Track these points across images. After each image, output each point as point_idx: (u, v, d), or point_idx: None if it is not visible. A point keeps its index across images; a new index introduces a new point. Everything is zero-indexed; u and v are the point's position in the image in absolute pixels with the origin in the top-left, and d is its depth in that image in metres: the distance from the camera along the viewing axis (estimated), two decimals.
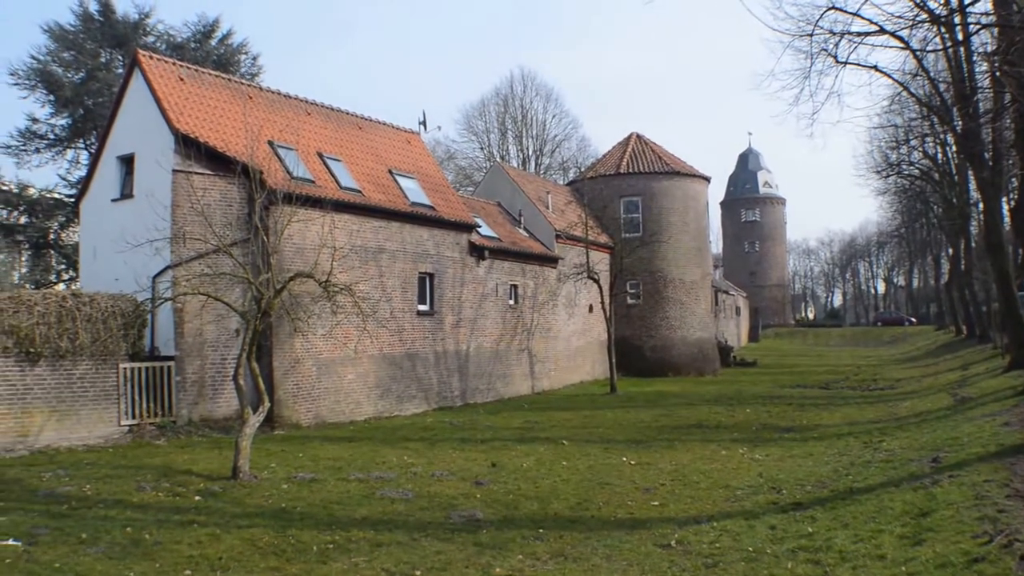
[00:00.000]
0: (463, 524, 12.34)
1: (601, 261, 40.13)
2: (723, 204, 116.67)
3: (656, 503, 13.96)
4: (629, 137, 49.00)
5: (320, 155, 26.52)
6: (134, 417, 20.72)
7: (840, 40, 22.14)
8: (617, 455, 18.58)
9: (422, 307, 28.67)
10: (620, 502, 13.98)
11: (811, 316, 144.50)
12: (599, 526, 12.32)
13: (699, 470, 16.79)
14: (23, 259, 38.93)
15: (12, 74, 38.02)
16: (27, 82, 38.11)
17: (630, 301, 43.99)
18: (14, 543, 10.63)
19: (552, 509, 13.46)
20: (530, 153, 68.09)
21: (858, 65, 24.65)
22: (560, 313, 37.65)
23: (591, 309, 40.55)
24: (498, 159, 60.88)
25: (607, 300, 36.14)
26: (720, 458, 18.23)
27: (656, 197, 44.87)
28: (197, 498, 13.78)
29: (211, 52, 40.61)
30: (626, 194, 45.02)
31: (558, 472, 16.54)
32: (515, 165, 59.96)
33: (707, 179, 47.86)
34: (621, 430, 22.81)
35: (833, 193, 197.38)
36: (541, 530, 11.96)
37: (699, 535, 11.61)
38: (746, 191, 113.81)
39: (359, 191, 26.50)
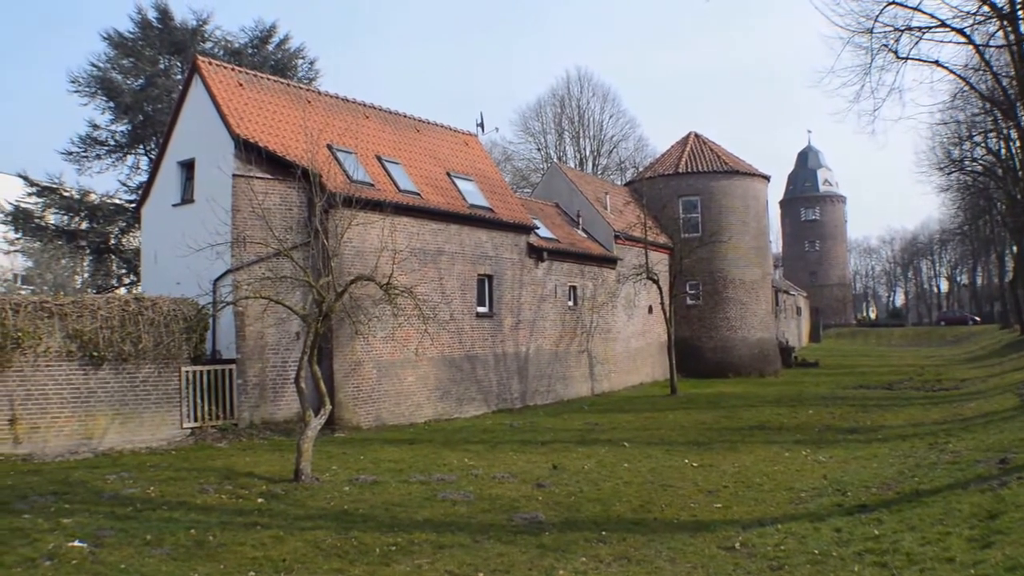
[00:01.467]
0: (525, 526, 12.21)
1: (660, 262, 39.84)
2: (783, 203, 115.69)
3: (719, 505, 13.75)
4: (687, 136, 48.58)
5: (379, 158, 26.55)
6: (196, 420, 20.89)
7: (901, 35, 21.81)
8: (679, 457, 18.37)
9: (481, 309, 28.61)
10: (683, 504, 13.78)
11: (873, 316, 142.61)
12: (662, 528, 12.13)
13: (762, 472, 16.54)
14: (85, 264, 39.41)
15: (73, 82, 38.58)
16: (87, 89, 38.62)
17: (690, 302, 43.64)
18: (80, 544, 10.68)
19: (614, 511, 13.29)
20: (587, 154, 67.81)
21: (919, 60, 24.32)
22: (619, 314, 37.38)
23: (650, 310, 40.24)
24: (555, 160, 60.63)
25: (667, 301, 35.80)
26: (783, 460, 17.94)
27: (715, 196, 44.44)
28: (260, 500, 13.80)
29: (268, 57, 40.84)
30: (685, 194, 44.64)
31: (620, 474, 16.37)
32: (572, 166, 59.64)
33: (767, 178, 47.29)
34: (682, 432, 22.56)
35: (894, 191, 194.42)
36: (604, 532, 11.79)
37: (763, 538, 11.44)
38: (806, 189, 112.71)
39: (418, 194, 26.49)
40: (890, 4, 21.11)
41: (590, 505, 13.73)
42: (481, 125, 34.10)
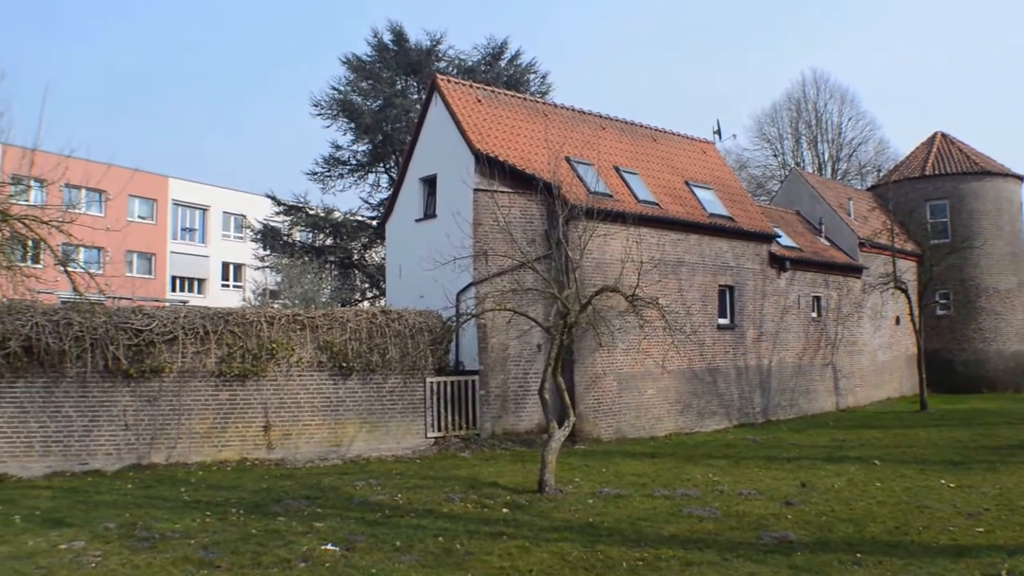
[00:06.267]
0: (775, 545, 11.61)
1: (908, 270, 37.88)
2: None
3: (981, 529, 12.68)
4: (933, 136, 46.00)
5: (616, 169, 26.35)
6: (440, 429, 21.26)
7: None
8: (934, 477, 17.21)
9: (722, 321, 27.92)
10: (941, 527, 12.79)
11: None
12: (920, 552, 11.27)
13: None
14: (330, 278, 41.01)
15: (315, 105, 40.43)
16: (329, 112, 40.36)
17: (939, 312, 41.23)
18: (332, 548, 10.93)
19: (868, 532, 12.48)
20: (825, 159, 65.50)
21: None
22: (865, 326, 35.76)
23: (898, 321, 38.34)
24: (793, 166, 58.90)
25: (916, 311, 33.98)
26: None
27: (965, 199, 41.83)
28: (505, 510, 13.77)
29: (501, 73, 41.37)
30: (932, 197, 42.24)
31: (872, 493, 15.46)
32: (811, 171, 57.78)
33: (1021, 178, 44.23)
34: (936, 450, 21.23)
35: None
36: (858, 554, 11.05)
37: None
38: None
39: (656, 203, 26.10)
40: None
41: (842, 525, 12.97)
42: (718, 132, 33.47)
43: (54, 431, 17.16)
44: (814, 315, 32.43)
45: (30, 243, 13.93)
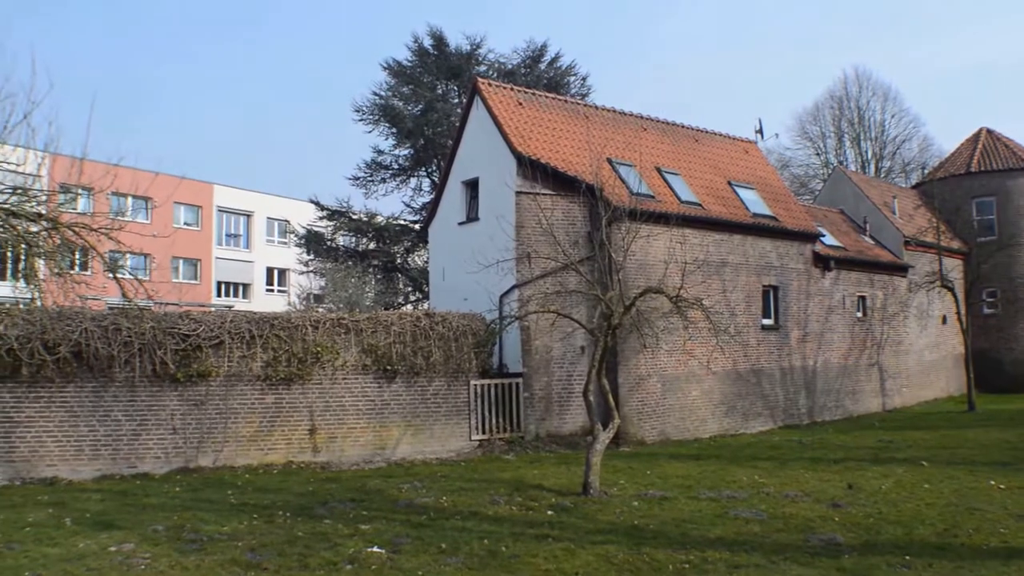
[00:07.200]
0: (822, 548, 11.51)
1: (954, 268, 37.44)
2: None
3: None
4: (978, 132, 45.38)
5: (658, 170, 26.28)
6: (484, 432, 21.31)
7: None
8: (984, 478, 16.96)
9: (766, 321, 27.73)
10: (992, 530, 12.60)
11: None
12: (970, 555, 11.10)
13: None
14: (373, 282, 41.20)
15: (357, 111, 40.58)
16: (371, 117, 40.50)
17: (987, 311, 40.66)
18: (378, 551, 10.96)
19: (917, 535, 12.33)
20: (868, 157, 64.88)
21: None
22: (911, 325, 35.36)
23: (944, 320, 37.85)
24: (836, 164, 58.36)
25: (962, 310, 33.56)
26: None
27: (1012, 196, 41.15)
28: (549, 513, 13.76)
29: (541, 76, 41.32)
30: (978, 194, 41.67)
31: (920, 495, 15.26)
32: (854, 170, 57.21)
33: None
34: (985, 451, 20.95)
35: None
36: (907, 557, 10.92)
37: None
38: None
39: (699, 204, 26.00)
40: None
41: (890, 528, 12.83)
42: (760, 132, 33.27)
43: (103, 435, 17.39)
44: (859, 315, 32.11)
45: (79, 250, 14.10)
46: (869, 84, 65.96)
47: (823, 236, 30.95)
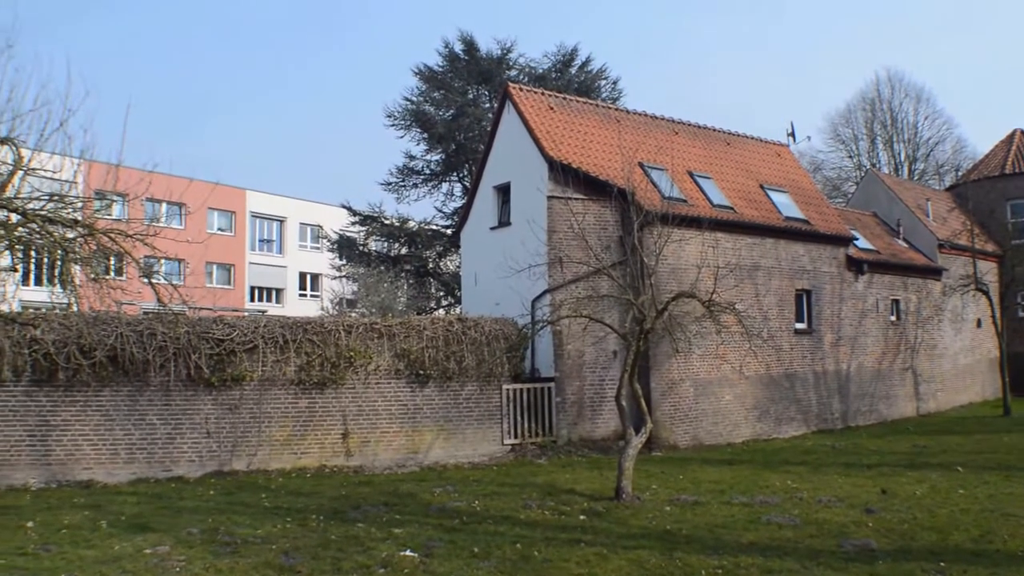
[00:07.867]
0: (856, 553, 11.42)
1: (988, 271, 37.05)
2: None
3: None
4: (1012, 134, 44.91)
5: (690, 174, 26.21)
6: (516, 436, 21.34)
7: None
8: (1020, 484, 16.77)
9: (799, 325, 27.57)
10: None
11: None
12: (1006, 561, 10.98)
13: None
14: (406, 287, 41.32)
15: (389, 116, 40.88)
16: (402, 122, 40.78)
17: (1021, 314, 40.20)
18: (411, 554, 10.99)
19: (952, 541, 12.19)
20: (902, 159, 64.38)
21: None
22: (946, 329, 35.06)
23: (979, 324, 37.48)
24: (868, 167, 57.96)
25: (997, 313, 33.25)
26: None
27: None
28: (582, 517, 13.73)
29: (571, 80, 41.33)
30: (1013, 197, 41.19)
31: (955, 501, 15.11)
32: (886, 172, 56.81)
33: None
34: (1021, 456, 20.69)
35: None
36: (942, 563, 10.80)
37: None
38: None
39: (731, 208, 25.92)
40: None
41: (925, 533, 12.71)
42: (792, 135, 33.05)
43: (138, 438, 17.56)
44: (893, 318, 31.87)
45: (114, 256, 14.25)
46: (901, 85, 65.46)
47: (856, 239, 30.74)
